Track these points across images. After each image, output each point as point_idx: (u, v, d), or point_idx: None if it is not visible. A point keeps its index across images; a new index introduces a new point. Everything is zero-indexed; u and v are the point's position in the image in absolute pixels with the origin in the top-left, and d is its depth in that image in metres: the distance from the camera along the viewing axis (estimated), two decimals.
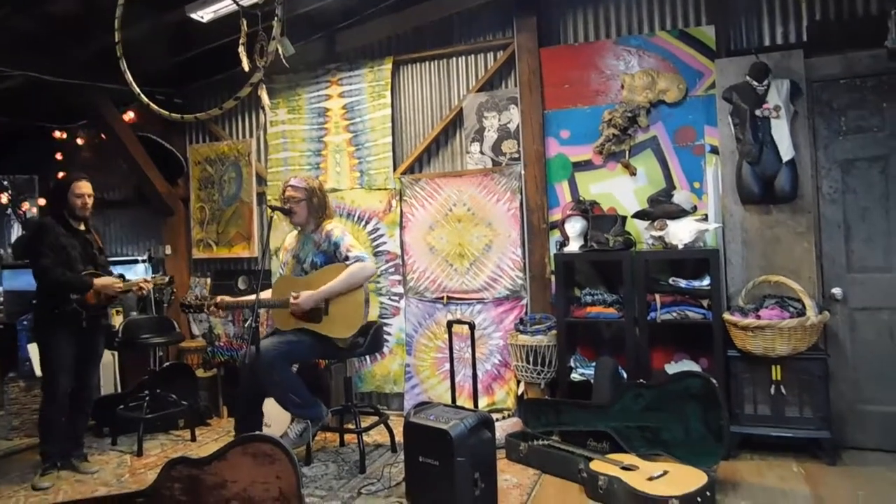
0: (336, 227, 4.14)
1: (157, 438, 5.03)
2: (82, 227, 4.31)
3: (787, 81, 4.10)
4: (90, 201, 4.28)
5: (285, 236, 5.41)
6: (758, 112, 4.10)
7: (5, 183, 6.37)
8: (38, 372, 5.15)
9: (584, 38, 4.78)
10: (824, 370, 3.86)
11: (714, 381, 3.69)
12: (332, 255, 4.05)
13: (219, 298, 4.14)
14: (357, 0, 4.91)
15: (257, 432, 3.63)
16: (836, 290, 4.12)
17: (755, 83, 4.13)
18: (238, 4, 4.02)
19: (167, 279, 4.62)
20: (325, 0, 4.78)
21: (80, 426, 4.37)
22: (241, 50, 3.88)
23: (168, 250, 6.09)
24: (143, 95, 4.11)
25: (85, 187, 4.24)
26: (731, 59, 4.31)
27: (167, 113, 4.03)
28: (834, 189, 4.15)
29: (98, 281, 4.16)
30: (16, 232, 6.63)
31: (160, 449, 4.80)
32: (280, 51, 3.80)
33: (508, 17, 4.90)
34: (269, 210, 4.16)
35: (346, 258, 3.99)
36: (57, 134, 6.43)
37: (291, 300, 3.91)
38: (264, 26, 3.92)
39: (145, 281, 4.35)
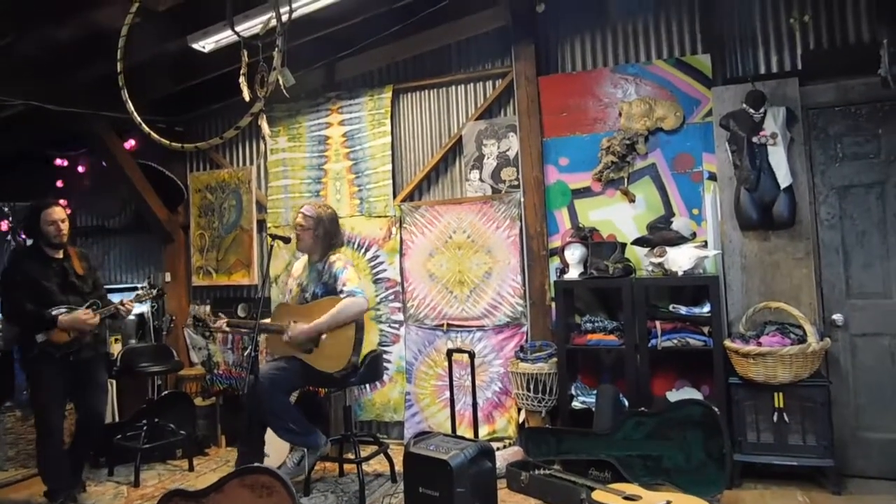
0: (339, 260, 4.15)
1: (155, 468, 4.98)
2: (60, 255, 4.17)
3: (783, 109, 4.14)
4: (64, 227, 4.12)
5: (287, 263, 5.49)
6: (755, 139, 4.13)
7: (6, 209, 6.37)
8: (32, 399, 5.13)
9: (581, 66, 4.82)
10: (826, 397, 3.84)
11: (716, 408, 3.67)
12: (333, 287, 4.06)
13: (221, 318, 4.17)
14: (357, 29, 4.95)
15: (255, 464, 3.61)
16: (837, 316, 4.12)
17: (752, 110, 4.17)
18: (239, 35, 4.05)
19: (154, 292, 4.48)
20: (326, 30, 4.84)
21: (84, 455, 4.30)
22: (242, 80, 3.91)
23: (168, 277, 6.08)
24: (144, 125, 4.12)
25: (56, 213, 4.10)
26: (728, 87, 4.35)
27: (168, 142, 4.03)
28: (832, 215, 4.17)
29: (63, 318, 3.97)
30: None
31: (157, 479, 4.76)
32: (281, 81, 3.82)
33: (507, 45, 4.95)
34: (270, 238, 4.16)
35: (341, 292, 3.99)
36: (58, 161, 6.45)
37: (286, 335, 3.93)
38: (265, 56, 3.96)
39: (125, 302, 4.19)
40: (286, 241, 4.19)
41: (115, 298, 4.36)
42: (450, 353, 4.57)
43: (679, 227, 4.26)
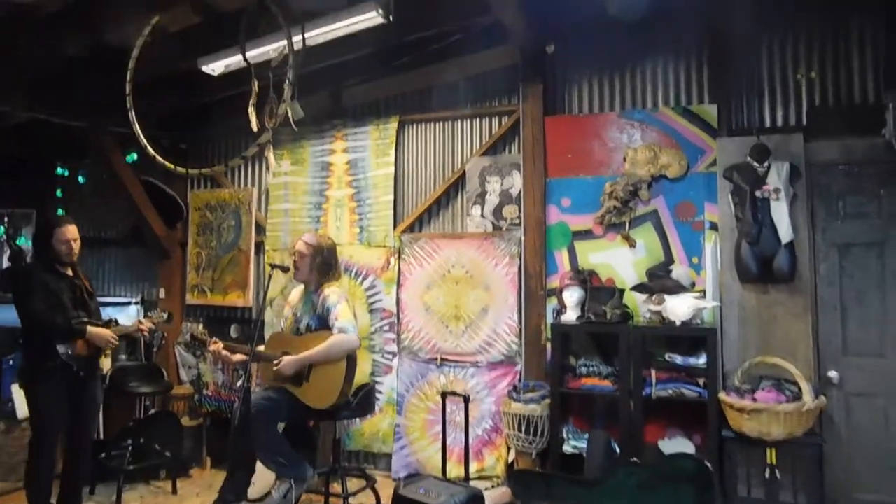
0: (333, 293, 4.11)
1: (137, 489, 4.94)
2: (70, 272, 4.14)
3: (787, 164, 4.15)
4: (76, 246, 4.09)
5: (283, 287, 5.46)
6: (758, 193, 4.14)
7: (5, 218, 6.35)
8: (20, 414, 5.06)
9: (588, 108, 4.84)
10: (820, 456, 3.83)
11: (708, 464, 3.65)
12: (326, 320, 4.03)
13: (215, 341, 4.14)
14: (366, 58, 4.97)
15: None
16: (833, 374, 4.12)
17: (756, 164, 4.18)
18: (250, 65, 4.06)
19: (165, 316, 4.48)
20: (335, 59, 4.85)
21: (81, 477, 4.23)
22: (251, 109, 3.92)
23: (162, 293, 6.05)
24: (150, 147, 4.13)
25: (70, 232, 4.05)
26: (733, 139, 4.37)
27: (172, 166, 4.04)
28: (831, 272, 4.18)
29: (92, 330, 4.00)
30: (5, 263, 6.57)
31: (139, 501, 4.73)
32: (289, 114, 3.83)
33: (515, 84, 4.97)
34: (269, 267, 4.14)
35: (333, 326, 3.97)
36: (59, 170, 6.43)
37: (274, 367, 3.90)
38: (275, 80, 3.96)
39: (142, 322, 4.24)
40: (285, 270, 4.17)
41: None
42: (444, 395, 4.54)
43: (678, 276, 4.26)
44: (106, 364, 5.40)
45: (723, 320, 4.29)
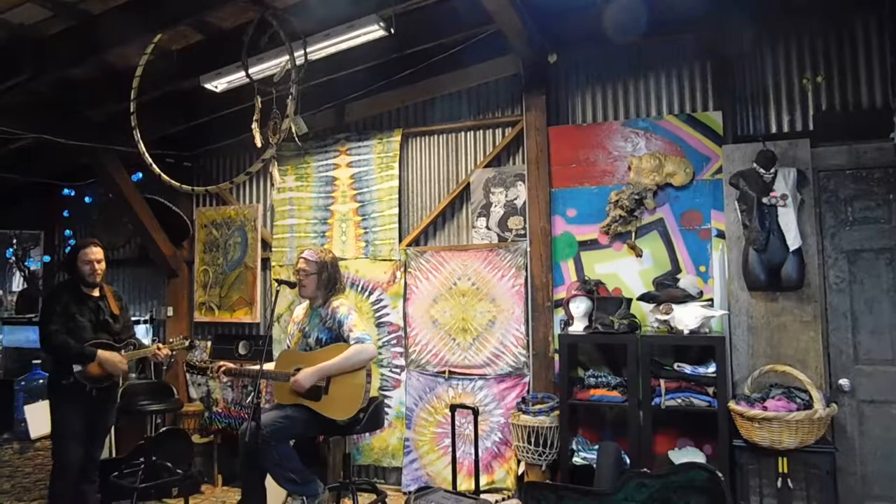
0: (343, 305, 4.11)
1: None
2: (96, 293, 4.27)
3: (793, 170, 4.13)
4: (100, 267, 4.23)
5: (290, 303, 5.46)
6: (765, 199, 4.11)
7: (14, 240, 6.39)
8: (33, 434, 5.10)
9: (592, 118, 4.83)
10: (832, 465, 3.78)
11: (720, 474, 3.61)
12: (337, 333, 4.02)
13: (221, 364, 4.12)
14: (368, 72, 4.98)
15: None
16: (844, 382, 4.08)
17: (762, 170, 4.16)
18: (253, 81, 4.07)
19: (187, 343, 4.55)
20: (337, 73, 4.86)
21: (89, 498, 4.27)
22: (255, 126, 3.93)
23: (170, 312, 6.07)
24: (155, 166, 4.15)
25: (93, 253, 4.21)
26: (738, 146, 4.34)
27: (178, 184, 4.05)
28: (841, 279, 4.14)
29: (102, 354, 4.09)
30: (17, 285, 6.63)
31: None
32: (293, 129, 3.84)
33: (518, 94, 4.97)
34: (275, 283, 4.13)
35: (348, 338, 3.95)
36: (65, 191, 6.47)
37: (292, 381, 3.88)
38: (279, 95, 3.97)
39: (161, 347, 4.30)
40: (292, 286, 4.15)
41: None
42: (453, 408, 4.52)
43: (686, 285, 4.24)
44: None
45: (731, 329, 4.26)
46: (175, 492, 5.09)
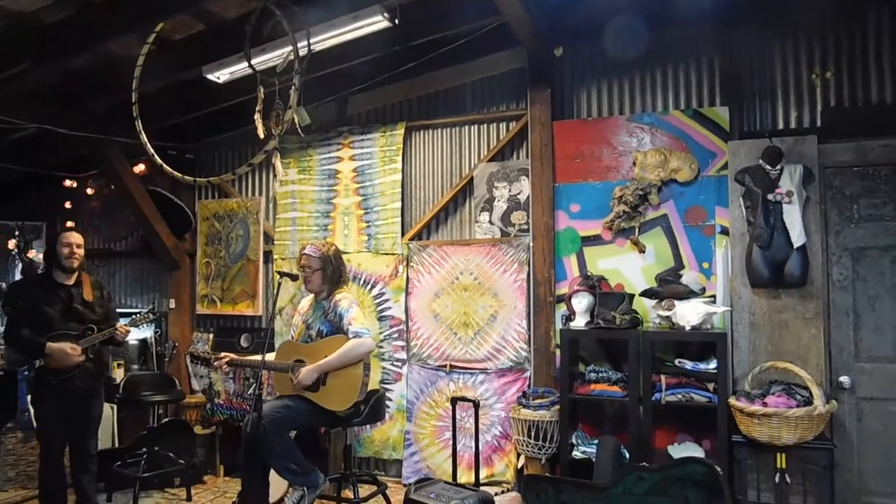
0: (345, 298, 4.12)
1: (153, 496, 4.99)
2: (70, 281, 4.21)
3: (800, 166, 4.10)
4: (78, 252, 4.19)
5: (292, 296, 5.47)
6: (770, 196, 4.09)
7: (16, 231, 6.39)
8: (35, 424, 5.13)
9: (597, 112, 4.80)
10: (830, 460, 3.79)
11: (718, 468, 3.62)
12: (338, 326, 4.03)
13: (224, 355, 4.14)
14: (371, 65, 4.95)
15: None
16: (844, 379, 4.08)
17: (768, 167, 4.13)
18: (255, 71, 4.05)
19: (150, 316, 4.48)
20: (340, 65, 4.84)
21: (86, 488, 4.26)
22: (258, 117, 3.91)
23: (172, 304, 6.07)
24: (157, 156, 4.14)
25: (74, 237, 4.20)
26: (745, 142, 4.32)
27: (180, 175, 4.04)
28: (844, 276, 4.13)
29: (50, 346, 3.98)
30: (19, 276, 6.63)
31: None
32: (296, 120, 3.82)
33: (522, 88, 4.93)
34: (277, 275, 4.13)
35: (347, 331, 3.97)
36: (67, 182, 6.47)
37: (292, 377, 3.92)
38: (281, 87, 3.95)
39: (118, 326, 4.19)
40: (294, 278, 4.15)
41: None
42: (454, 400, 4.53)
43: (689, 281, 4.22)
44: (119, 373, 5.49)
45: (733, 325, 4.26)
46: (177, 482, 5.12)
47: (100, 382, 4.33)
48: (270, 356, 4.14)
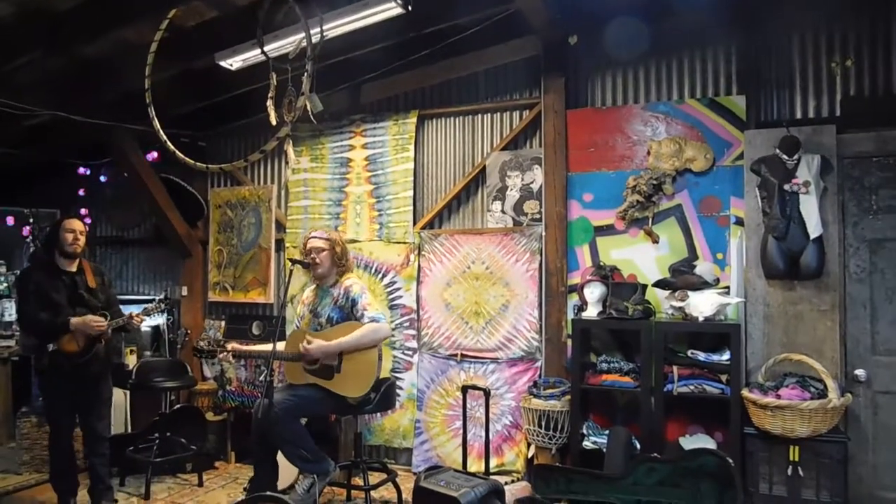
0: (355, 284, 4.12)
1: (165, 481, 5.02)
2: (73, 268, 4.25)
3: (817, 157, 4.03)
4: (81, 239, 4.21)
5: (303, 284, 5.46)
6: (787, 186, 4.02)
7: (31, 219, 6.43)
8: (44, 408, 5.18)
9: (611, 101, 4.75)
10: (844, 454, 3.76)
11: (731, 460, 3.60)
12: (350, 312, 4.03)
13: (231, 346, 4.14)
14: (384, 53, 4.93)
15: (266, 493, 3.60)
16: (860, 372, 4.03)
17: (785, 157, 4.07)
18: (268, 58, 4.04)
19: (162, 305, 4.48)
20: (353, 52, 4.82)
21: (99, 471, 4.30)
22: (270, 103, 3.91)
23: (184, 291, 6.10)
24: (169, 143, 4.14)
25: (75, 224, 4.22)
26: (761, 131, 4.26)
27: (193, 162, 4.04)
28: (861, 268, 4.07)
29: (75, 320, 4.04)
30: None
31: (167, 493, 4.80)
32: (308, 107, 3.81)
33: (536, 76, 4.89)
34: (289, 263, 4.13)
35: (362, 317, 3.96)
36: (81, 170, 6.50)
37: (303, 347, 3.89)
38: (294, 74, 3.94)
39: (133, 315, 4.23)
40: (306, 265, 4.15)
41: (132, 309, 4.37)
42: (465, 389, 4.52)
43: (702, 272, 4.19)
44: (131, 360, 5.52)
45: (747, 317, 4.21)
46: (189, 467, 5.16)
47: (109, 366, 4.37)
48: (281, 345, 4.14)
